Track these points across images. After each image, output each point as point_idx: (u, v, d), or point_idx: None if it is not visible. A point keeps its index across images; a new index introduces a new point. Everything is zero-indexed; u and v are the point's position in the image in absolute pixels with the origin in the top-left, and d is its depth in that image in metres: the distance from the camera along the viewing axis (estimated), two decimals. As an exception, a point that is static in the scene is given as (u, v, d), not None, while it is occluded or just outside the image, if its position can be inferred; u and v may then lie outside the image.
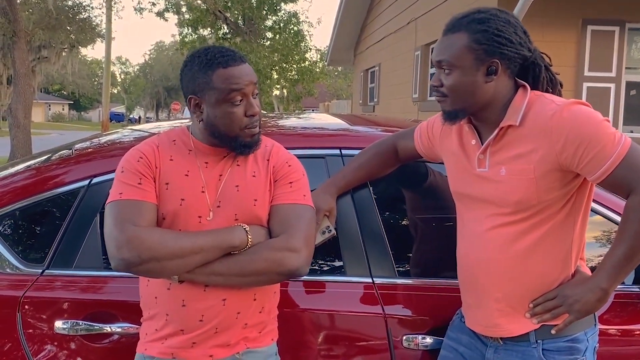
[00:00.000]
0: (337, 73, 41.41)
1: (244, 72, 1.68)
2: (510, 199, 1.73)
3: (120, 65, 72.37)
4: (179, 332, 1.71)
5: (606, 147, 1.61)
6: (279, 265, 1.64)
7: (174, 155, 1.76)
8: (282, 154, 1.83)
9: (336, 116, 2.95)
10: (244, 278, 1.66)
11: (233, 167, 1.76)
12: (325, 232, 2.06)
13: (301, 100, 24.69)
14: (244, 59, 1.71)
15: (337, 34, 15.75)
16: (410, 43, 10.63)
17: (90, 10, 19.37)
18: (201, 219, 1.71)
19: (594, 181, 1.68)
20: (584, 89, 7.03)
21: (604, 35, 7.03)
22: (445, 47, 1.73)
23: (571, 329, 1.77)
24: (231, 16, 22.45)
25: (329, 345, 2.03)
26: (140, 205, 1.66)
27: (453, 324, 2.00)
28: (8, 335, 1.97)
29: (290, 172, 1.79)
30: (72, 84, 46.42)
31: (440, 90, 1.77)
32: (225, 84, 1.66)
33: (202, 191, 1.72)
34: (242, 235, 1.67)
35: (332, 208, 2.09)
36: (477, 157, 1.80)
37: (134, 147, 1.78)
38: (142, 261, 1.57)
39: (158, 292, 1.73)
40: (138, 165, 1.71)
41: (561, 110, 1.66)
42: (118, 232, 1.59)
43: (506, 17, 1.73)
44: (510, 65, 1.73)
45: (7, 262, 2.05)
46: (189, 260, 1.61)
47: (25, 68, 14.90)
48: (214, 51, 1.70)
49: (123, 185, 1.68)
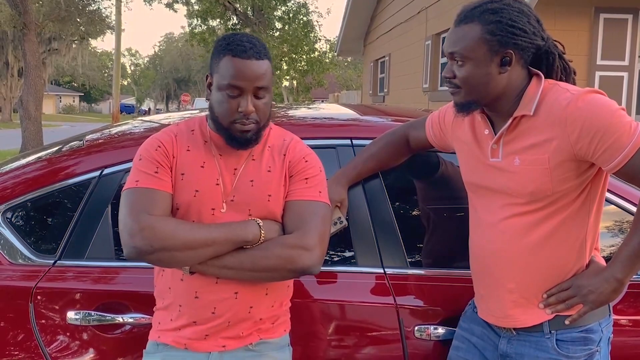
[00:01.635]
0: (347, 64, 41.30)
1: (249, 68, 1.64)
2: (525, 189, 1.71)
3: (130, 57, 72.64)
4: (191, 324, 1.71)
5: (622, 136, 1.59)
6: (291, 262, 1.63)
7: (192, 146, 1.75)
8: (299, 149, 1.80)
9: (346, 106, 2.94)
10: (256, 273, 1.65)
11: (248, 161, 1.75)
12: (336, 223, 2.05)
13: (311, 91, 24.64)
14: (258, 56, 1.66)
15: (346, 24, 15.69)
16: (420, 33, 10.57)
17: (100, 2, 19.43)
18: (214, 211, 1.70)
19: (609, 171, 1.65)
20: (597, 77, 6.96)
21: (616, 24, 6.95)
22: (458, 38, 1.71)
23: (585, 319, 1.76)
24: (240, 7, 22.43)
25: (340, 336, 2.03)
26: (156, 194, 1.66)
27: (465, 314, 1.99)
28: (21, 326, 1.98)
29: (307, 167, 1.77)
30: (82, 75, 46.60)
31: (453, 82, 1.75)
32: (227, 72, 1.65)
33: (216, 183, 1.72)
34: (255, 230, 1.66)
35: (344, 199, 2.08)
36: (490, 147, 1.79)
37: (153, 135, 1.78)
38: (154, 250, 1.57)
39: (172, 283, 1.73)
40: (156, 154, 1.71)
41: (576, 99, 1.63)
42: (132, 220, 1.60)
43: (519, 6, 1.70)
44: (524, 55, 1.70)
45: (20, 253, 2.06)
46: (201, 252, 1.61)
47: (36, 60, 14.97)
48: (235, 38, 1.68)
49: (140, 173, 1.69)
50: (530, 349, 1.79)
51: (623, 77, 7.04)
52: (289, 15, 22.89)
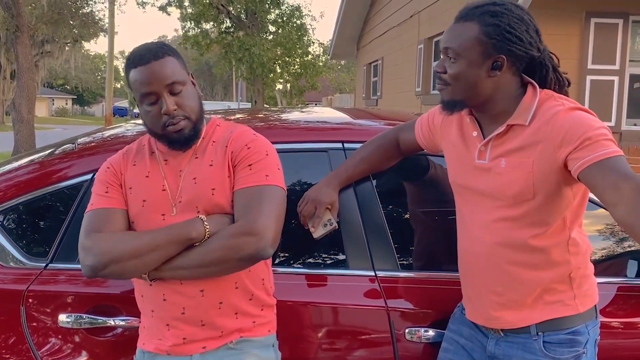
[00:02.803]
0: (340, 67, 41.35)
1: (151, 72, 1.65)
2: (508, 191, 1.72)
3: (123, 60, 72.34)
4: (165, 327, 1.73)
5: (600, 145, 1.58)
6: (237, 251, 1.60)
7: (138, 160, 1.79)
8: (242, 139, 1.77)
9: (339, 110, 2.95)
10: (207, 269, 1.64)
11: (192, 161, 1.75)
12: (327, 225, 2.06)
13: (304, 94, 24.67)
14: (157, 56, 1.66)
15: (339, 28, 15.72)
16: (413, 36, 10.61)
17: (93, 5, 19.39)
18: (165, 217, 1.71)
19: (574, 172, 1.62)
20: (588, 81, 7.01)
21: (607, 28, 7.01)
22: (455, 35, 1.72)
23: (573, 321, 1.78)
24: (234, 10, 22.43)
25: (331, 339, 2.04)
26: (107, 212, 1.71)
27: (454, 316, 2.00)
28: (12, 329, 1.97)
29: (250, 154, 1.73)
30: (75, 78, 46.47)
31: (443, 77, 1.75)
32: (135, 85, 1.67)
33: (163, 189, 1.73)
34: (198, 226, 1.65)
35: (334, 201, 2.09)
36: (478, 149, 1.80)
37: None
38: (104, 265, 1.61)
39: (143, 290, 1.76)
40: (105, 176, 1.77)
41: (569, 109, 1.65)
42: (84, 240, 1.66)
43: (520, 13, 1.70)
44: (516, 62, 1.71)
45: (11, 255, 2.06)
46: (147, 258, 1.62)
47: (29, 63, 14.93)
48: (134, 51, 1.70)
49: (94, 196, 1.76)
50: (518, 351, 1.80)
51: (614, 81, 7.09)
52: (282, 18, 22.91)
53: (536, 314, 1.79)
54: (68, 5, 18.17)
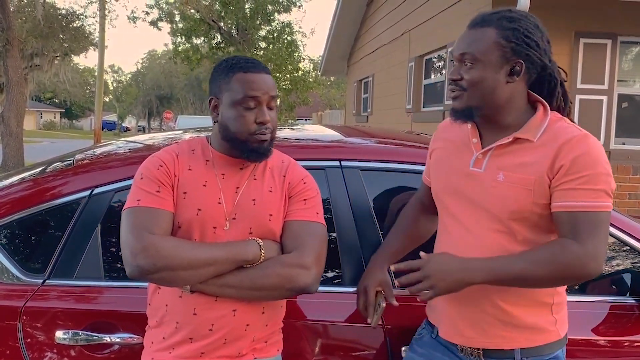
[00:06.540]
0: (330, 83, 41.50)
1: (262, 80, 1.72)
2: (506, 206, 1.69)
3: (113, 74, 72.32)
4: (187, 341, 1.71)
5: (591, 193, 1.61)
6: (290, 281, 1.67)
7: (193, 165, 1.78)
8: (298, 171, 1.85)
9: (332, 128, 2.97)
10: (255, 292, 1.67)
11: (250, 181, 1.78)
12: (377, 309, 1.95)
13: (295, 109, 24.72)
14: (266, 70, 1.76)
15: (330, 45, 15.81)
16: (404, 54, 10.69)
17: (84, 19, 19.34)
18: (216, 230, 1.72)
19: (553, 208, 1.66)
20: (577, 101, 7.08)
21: (596, 48, 7.10)
22: (472, 40, 1.71)
23: (552, 347, 1.76)
24: (225, 25, 22.50)
25: (327, 356, 2.04)
26: (158, 213, 1.67)
27: (422, 339, 1.94)
28: (9, 345, 1.96)
29: (305, 189, 1.81)
30: (64, 92, 46.23)
31: (460, 83, 1.73)
32: (242, 87, 1.70)
33: (218, 202, 1.74)
34: (255, 249, 1.68)
35: (382, 280, 1.98)
36: (475, 156, 1.78)
37: (154, 154, 1.80)
38: (157, 269, 1.58)
39: (169, 300, 1.74)
40: (157, 173, 1.72)
41: (583, 136, 1.65)
42: (134, 240, 1.61)
43: (536, 22, 1.73)
44: (530, 70, 1.72)
45: (8, 272, 2.05)
46: (203, 271, 1.62)
47: (18, 76, 14.87)
48: (239, 58, 1.77)
49: (141, 192, 1.70)
50: None
51: (602, 101, 7.17)
52: (273, 35, 23.01)
53: (523, 337, 1.75)
54: (59, 20, 18.15)
